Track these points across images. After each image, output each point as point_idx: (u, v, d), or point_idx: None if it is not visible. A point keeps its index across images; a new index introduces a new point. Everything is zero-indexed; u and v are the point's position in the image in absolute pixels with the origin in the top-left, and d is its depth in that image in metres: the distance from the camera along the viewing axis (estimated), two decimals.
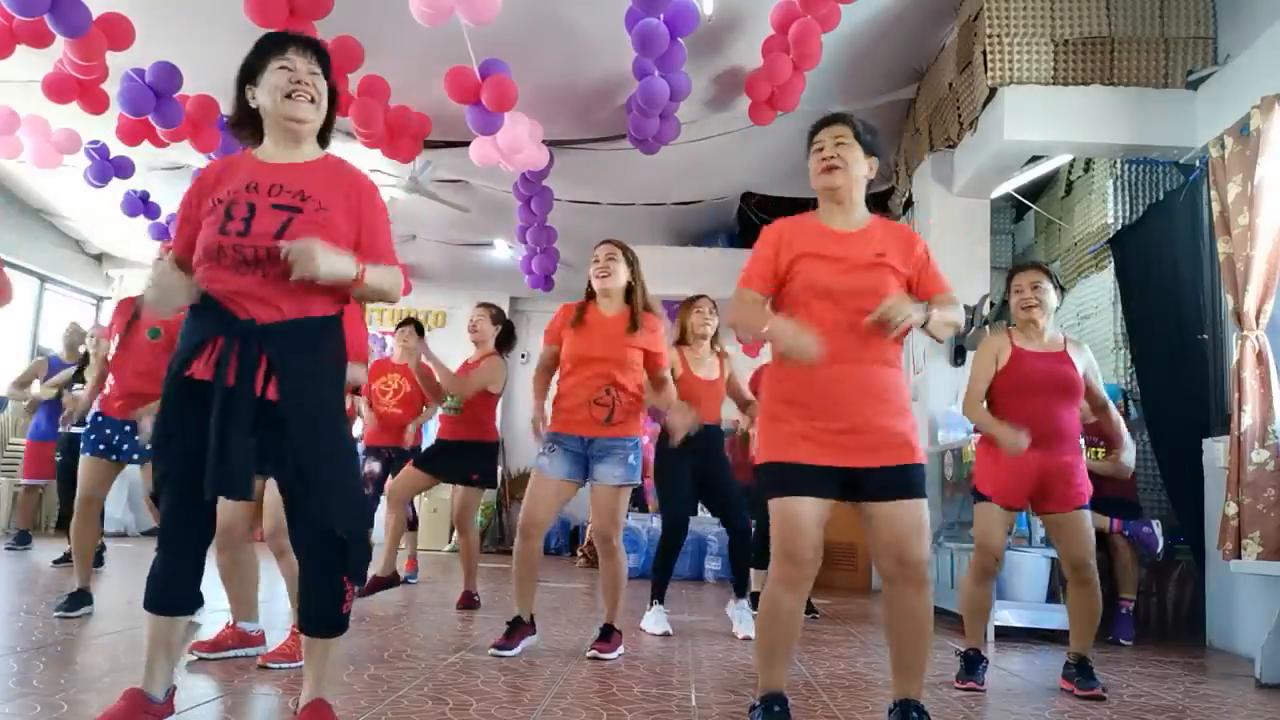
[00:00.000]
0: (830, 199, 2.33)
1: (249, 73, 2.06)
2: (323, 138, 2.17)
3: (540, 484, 3.38)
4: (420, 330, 5.20)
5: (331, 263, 1.89)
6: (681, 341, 4.45)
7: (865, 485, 2.16)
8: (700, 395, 4.26)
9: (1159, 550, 4.54)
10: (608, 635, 3.45)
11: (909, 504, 2.16)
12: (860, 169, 2.30)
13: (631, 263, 3.48)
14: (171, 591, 1.97)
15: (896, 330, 2.12)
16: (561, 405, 3.44)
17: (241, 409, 1.89)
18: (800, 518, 2.14)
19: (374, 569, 4.47)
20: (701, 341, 4.40)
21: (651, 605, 4.19)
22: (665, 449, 4.34)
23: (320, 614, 1.98)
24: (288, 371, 1.93)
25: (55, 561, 5.76)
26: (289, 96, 2.02)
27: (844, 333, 2.17)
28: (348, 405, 2.50)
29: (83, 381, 5.65)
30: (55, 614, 3.66)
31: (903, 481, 2.16)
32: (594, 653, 3.36)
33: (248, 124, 2.11)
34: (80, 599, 3.76)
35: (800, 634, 2.22)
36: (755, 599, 4.83)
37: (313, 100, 2.04)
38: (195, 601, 2.02)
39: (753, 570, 4.46)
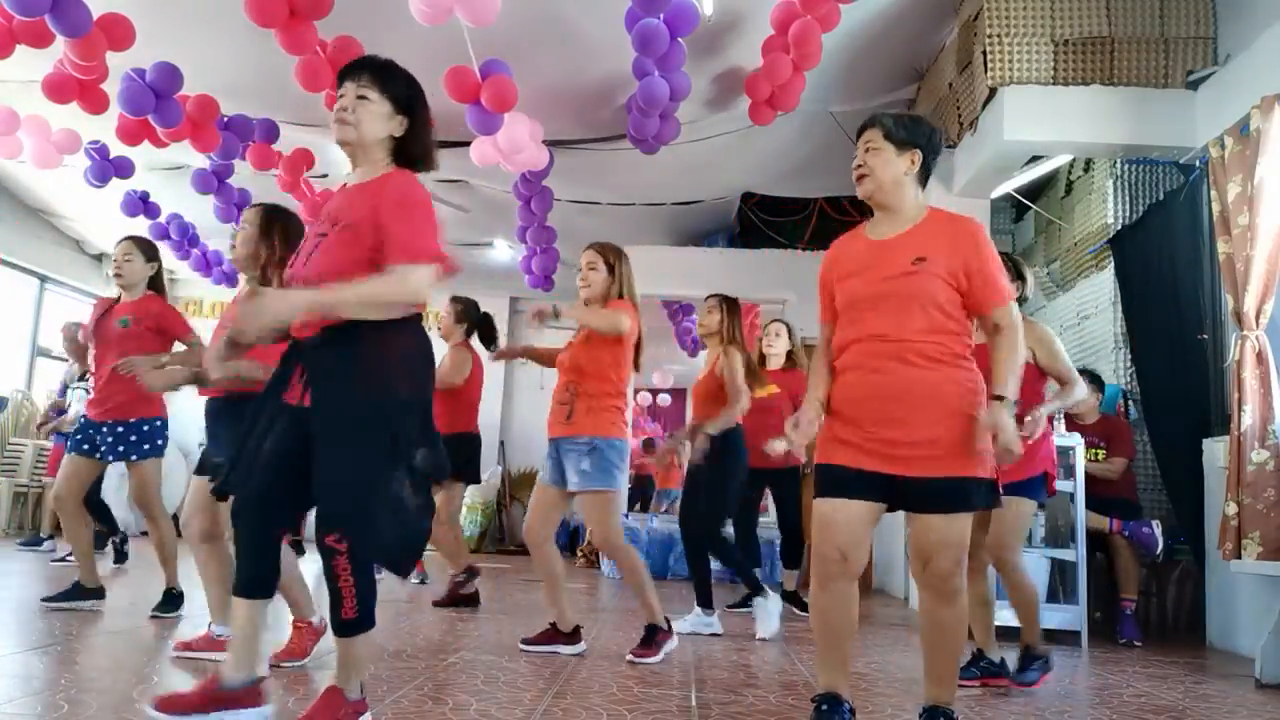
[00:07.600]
0: (872, 206, 2.32)
1: None
2: (409, 152, 2.16)
3: (536, 490, 3.49)
4: None
5: (269, 314, 1.94)
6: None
7: (905, 495, 2.15)
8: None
9: (1159, 550, 4.54)
10: (649, 639, 3.39)
11: (939, 519, 2.12)
12: (894, 169, 2.23)
13: (612, 265, 3.47)
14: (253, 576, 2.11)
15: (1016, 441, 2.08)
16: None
17: (286, 421, 2.08)
18: (830, 517, 2.18)
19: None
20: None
21: (694, 610, 4.18)
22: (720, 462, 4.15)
23: (331, 617, 2.07)
24: (318, 380, 2.06)
25: (55, 561, 5.76)
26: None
27: (888, 341, 2.17)
28: None
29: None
30: (52, 605, 3.68)
31: (935, 494, 2.11)
32: (631, 657, 3.32)
33: None
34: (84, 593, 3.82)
35: (854, 634, 2.18)
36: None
37: (347, 122, 2.09)
38: (272, 586, 2.15)
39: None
